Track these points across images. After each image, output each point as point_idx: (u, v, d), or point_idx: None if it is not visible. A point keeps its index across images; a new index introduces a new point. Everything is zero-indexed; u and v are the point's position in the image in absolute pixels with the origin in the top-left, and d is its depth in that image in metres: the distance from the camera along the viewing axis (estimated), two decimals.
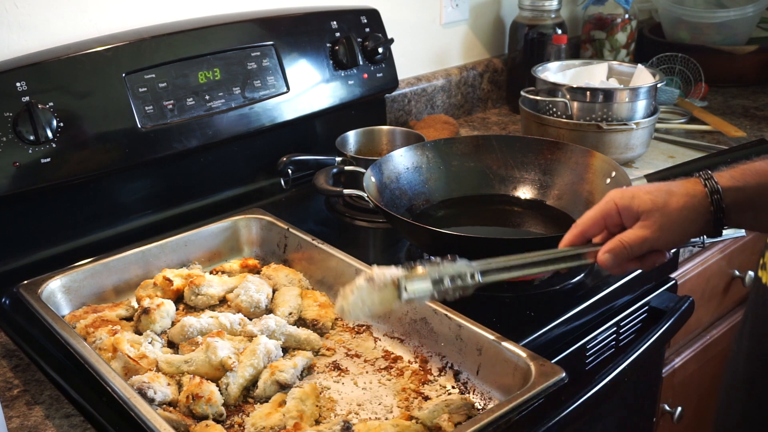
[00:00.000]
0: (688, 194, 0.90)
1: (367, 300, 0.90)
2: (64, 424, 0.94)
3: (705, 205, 0.89)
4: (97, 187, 1.33)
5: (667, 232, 0.90)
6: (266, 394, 0.97)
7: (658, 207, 0.90)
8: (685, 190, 0.90)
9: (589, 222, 0.95)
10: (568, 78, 1.71)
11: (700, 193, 0.89)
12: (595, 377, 1.13)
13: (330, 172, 1.41)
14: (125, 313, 1.12)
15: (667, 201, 0.90)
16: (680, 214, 0.90)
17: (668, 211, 0.90)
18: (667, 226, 0.90)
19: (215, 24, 1.43)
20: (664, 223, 0.90)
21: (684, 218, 0.90)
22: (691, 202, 0.89)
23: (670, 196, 0.90)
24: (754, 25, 2.23)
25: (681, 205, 0.90)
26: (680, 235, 0.91)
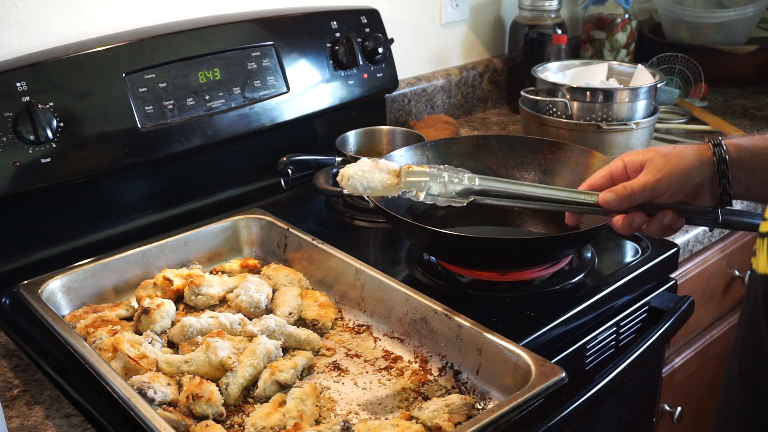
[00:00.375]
0: (691, 146, 0.95)
1: (368, 174, 0.95)
2: (64, 424, 0.94)
3: (707, 154, 0.92)
4: (97, 187, 1.33)
5: (668, 176, 0.93)
6: (266, 394, 0.97)
7: (661, 154, 0.94)
8: (690, 146, 0.95)
9: (597, 177, 0.99)
10: (568, 78, 1.71)
11: (703, 146, 0.94)
12: (595, 377, 1.13)
13: (330, 172, 1.41)
14: (125, 313, 1.12)
15: (670, 150, 0.94)
16: (680, 159, 0.93)
17: (669, 157, 0.93)
18: (668, 169, 0.93)
19: (215, 24, 1.43)
20: (665, 166, 0.93)
21: (685, 163, 0.93)
22: (693, 150, 0.94)
23: (674, 147, 0.95)
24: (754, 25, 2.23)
25: (683, 152, 0.93)
26: (683, 181, 0.93)
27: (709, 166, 0.93)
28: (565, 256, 1.23)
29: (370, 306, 1.12)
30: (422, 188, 0.94)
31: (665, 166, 0.93)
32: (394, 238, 1.36)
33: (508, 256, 1.17)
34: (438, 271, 1.23)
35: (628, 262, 1.27)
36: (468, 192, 0.95)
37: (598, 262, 1.25)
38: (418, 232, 1.17)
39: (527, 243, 1.20)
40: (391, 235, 1.38)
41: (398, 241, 1.34)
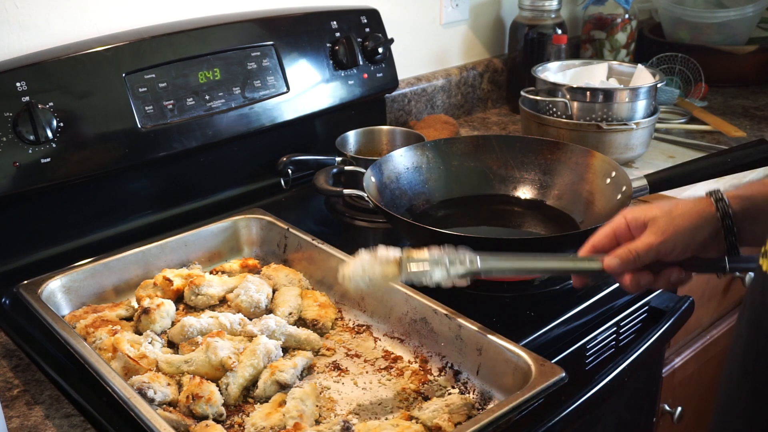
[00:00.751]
0: (694, 202, 0.92)
1: (368, 270, 0.94)
2: (64, 424, 0.94)
3: (710, 210, 0.91)
4: (97, 187, 1.33)
5: (673, 236, 0.91)
6: (266, 394, 0.97)
7: (664, 212, 0.92)
8: (691, 201, 0.93)
9: (600, 237, 0.97)
10: (568, 78, 1.71)
11: (705, 201, 0.91)
12: (595, 377, 1.13)
13: (330, 172, 1.41)
14: (125, 313, 1.12)
15: (673, 207, 0.92)
16: (684, 219, 0.91)
17: (673, 216, 0.91)
18: (672, 230, 0.91)
19: (215, 24, 1.43)
20: (669, 227, 0.91)
21: (689, 223, 0.91)
22: (697, 207, 0.91)
23: (677, 204, 0.93)
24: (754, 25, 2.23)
25: (686, 210, 0.91)
26: (688, 240, 0.92)
27: (714, 222, 0.91)
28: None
29: (370, 306, 1.12)
30: (425, 277, 0.95)
31: (669, 226, 0.92)
32: (394, 238, 1.36)
33: None
34: None
35: None
36: (470, 274, 0.95)
37: None
38: (418, 232, 1.17)
39: (527, 243, 1.20)
40: (391, 235, 1.38)
41: (398, 241, 1.34)
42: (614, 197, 1.23)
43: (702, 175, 1.22)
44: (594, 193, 1.30)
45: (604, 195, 1.27)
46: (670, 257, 0.94)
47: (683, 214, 0.92)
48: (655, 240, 0.92)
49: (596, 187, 1.29)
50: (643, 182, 1.21)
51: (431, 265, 0.94)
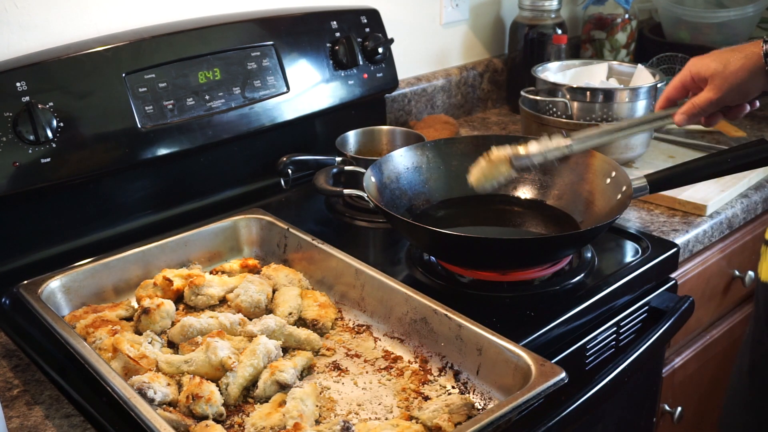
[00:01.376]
0: (746, 56, 1.06)
1: (488, 173, 1.20)
2: (64, 424, 0.94)
3: (760, 65, 1.04)
4: (97, 187, 1.33)
5: (728, 91, 1.07)
6: (266, 394, 0.97)
7: (719, 71, 1.07)
8: (744, 53, 1.07)
9: (671, 89, 1.15)
10: (568, 78, 1.71)
11: (756, 54, 1.05)
12: (595, 377, 1.13)
13: (330, 172, 1.41)
14: (125, 313, 1.12)
15: (727, 65, 1.07)
16: (737, 75, 1.06)
17: (727, 74, 1.07)
18: (727, 86, 1.07)
19: (215, 24, 1.43)
20: (724, 84, 1.07)
21: (741, 79, 1.06)
22: (747, 63, 1.06)
23: (730, 60, 1.07)
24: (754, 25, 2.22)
25: (738, 66, 1.06)
26: (742, 92, 1.08)
27: (764, 75, 1.05)
28: (565, 256, 1.23)
29: (370, 306, 1.12)
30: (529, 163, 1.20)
31: (724, 83, 1.07)
32: (394, 238, 1.36)
33: (508, 256, 1.17)
34: (438, 271, 1.23)
35: (628, 262, 1.27)
36: (565, 154, 1.20)
37: (598, 262, 1.25)
38: (418, 232, 1.17)
39: (527, 243, 1.20)
40: (391, 235, 1.38)
41: (398, 241, 1.34)
42: (614, 197, 1.24)
43: (702, 175, 1.22)
44: (594, 193, 1.30)
45: (604, 195, 1.27)
46: (729, 103, 1.10)
47: (736, 71, 1.06)
48: (714, 96, 1.08)
49: (596, 187, 1.30)
50: (643, 182, 1.21)
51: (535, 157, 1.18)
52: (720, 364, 1.69)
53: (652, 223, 1.40)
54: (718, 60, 1.09)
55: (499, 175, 1.21)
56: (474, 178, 1.22)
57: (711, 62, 1.09)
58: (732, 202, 1.48)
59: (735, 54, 1.08)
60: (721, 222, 1.44)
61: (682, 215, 1.42)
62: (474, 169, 1.22)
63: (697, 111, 1.12)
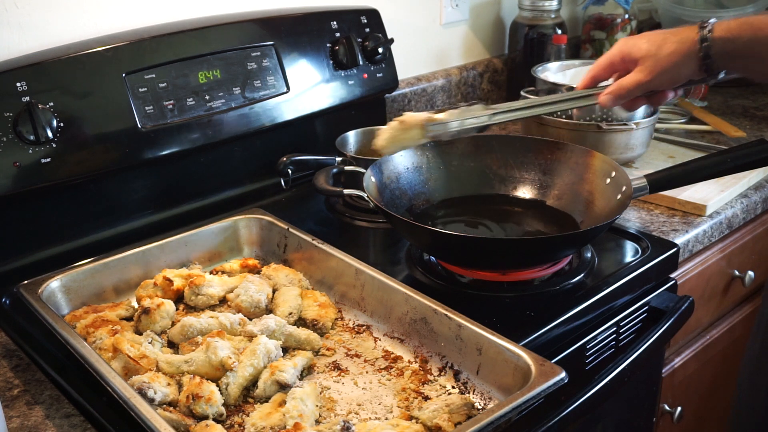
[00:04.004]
0: (680, 41, 1.02)
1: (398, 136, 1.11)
2: (64, 424, 0.94)
3: (694, 51, 1.00)
4: (97, 187, 1.33)
5: (659, 74, 1.02)
6: (266, 394, 0.97)
7: (651, 53, 1.02)
8: (678, 37, 1.02)
9: (598, 68, 1.10)
10: (568, 78, 1.71)
11: (691, 39, 1.01)
12: (595, 377, 1.13)
13: (330, 172, 1.41)
14: (125, 313, 1.12)
15: (660, 47, 1.02)
16: (670, 59, 1.01)
17: (660, 57, 1.02)
18: (658, 69, 1.02)
19: (215, 24, 1.43)
20: (656, 67, 1.02)
21: (674, 63, 1.01)
22: (681, 48, 1.01)
23: (664, 43, 1.02)
24: None
25: (671, 50, 1.01)
26: (673, 77, 1.03)
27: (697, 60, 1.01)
28: (565, 256, 1.23)
29: (370, 306, 1.12)
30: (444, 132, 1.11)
31: (656, 66, 1.02)
32: (394, 238, 1.36)
33: (508, 256, 1.17)
34: (438, 271, 1.23)
35: (628, 262, 1.27)
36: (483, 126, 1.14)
37: (598, 262, 1.25)
38: (418, 232, 1.17)
39: (527, 243, 1.20)
40: (391, 235, 1.38)
41: (398, 241, 1.34)
42: (614, 197, 1.24)
43: (702, 175, 1.22)
44: (594, 193, 1.30)
45: (604, 195, 1.27)
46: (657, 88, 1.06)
47: (669, 54, 1.01)
48: (644, 78, 1.03)
49: (596, 187, 1.30)
50: (643, 182, 1.21)
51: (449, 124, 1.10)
52: (720, 364, 1.69)
53: (652, 223, 1.40)
54: (651, 41, 1.04)
55: (409, 140, 1.14)
56: (382, 140, 1.14)
57: (644, 43, 1.04)
58: (732, 202, 1.48)
59: (669, 37, 1.03)
60: (721, 222, 1.44)
61: (682, 215, 1.42)
62: (383, 131, 1.15)
63: (624, 93, 1.07)
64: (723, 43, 0.99)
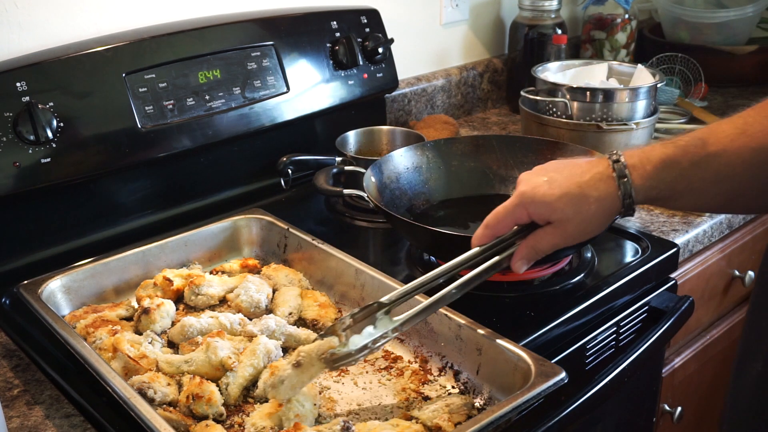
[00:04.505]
0: (600, 198, 0.91)
1: (296, 383, 0.91)
2: (64, 424, 0.94)
3: (616, 206, 0.92)
4: (97, 187, 1.33)
5: (577, 236, 0.95)
6: (266, 394, 0.96)
7: (570, 217, 0.92)
8: (597, 194, 0.91)
9: (497, 221, 0.98)
10: (568, 78, 1.71)
11: (611, 195, 0.91)
12: (595, 377, 1.13)
13: (330, 172, 1.41)
14: (125, 313, 1.12)
15: (579, 209, 0.92)
16: (593, 220, 0.93)
17: (579, 219, 0.93)
18: (577, 232, 0.94)
19: (215, 24, 1.43)
20: (575, 231, 0.94)
21: (594, 222, 0.94)
22: (603, 206, 0.92)
23: (582, 204, 0.92)
24: (754, 25, 2.23)
25: (593, 211, 0.92)
26: (589, 235, 0.96)
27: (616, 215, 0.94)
28: (565, 256, 1.23)
29: None
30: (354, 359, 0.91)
31: (575, 231, 0.94)
32: (394, 238, 1.36)
33: None
34: None
35: (628, 262, 1.27)
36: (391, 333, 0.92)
37: (598, 262, 1.25)
38: (418, 232, 1.17)
39: None
40: (391, 235, 1.38)
41: (398, 241, 1.34)
42: None
43: None
44: None
45: None
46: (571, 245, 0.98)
47: (591, 217, 0.92)
48: (563, 241, 0.95)
49: None
50: None
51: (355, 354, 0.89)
52: (720, 364, 1.69)
53: (652, 223, 1.40)
54: (567, 203, 0.91)
55: (310, 378, 0.92)
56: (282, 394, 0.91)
57: (557, 202, 0.91)
58: None
59: (587, 194, 0.91)
60: (721, 222, 1.44)
61: (682, 215, 1.42)
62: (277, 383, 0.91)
63: (539, 256, 0.97)
64: (645, 191, 0.90)
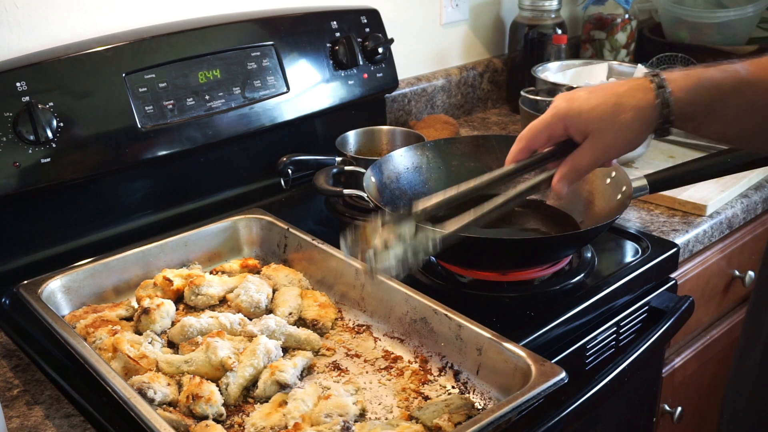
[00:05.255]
0: (637, 107, 0.88)
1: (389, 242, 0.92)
2: (64, 424, 0.94)
3: (653, 116, 0.88)
4: (97, 187, 1.33)
5: (615, 148, 0.91)
6: (266, 394, 0.97)
7: (607, 126, 0.89)
8: (635, 102, 0.89)
9: (534, 138, 0.95)
10: (568, 78, 1.71)
11: (649, 104, 0.88)
12: (595, 377, 1.13)
13: (330, 172, 1.41)
14: (125, 313, 1.12)
15: (616, 117, 0.89)
16: (630, 129, 0.89)
17: (617, 128, 0.89)
18: (615, 143, 0.90)
19: (215, 24, 1.43)
20: (613, 141, 0.90)
21: (632, 132, 0.90)
22: (640, 115, 0.89)
23: (619, 112, 0.89)
24: (754, 25, 2.22)
25: (630, 119, 0.89)
26: (628, 147, 0.92)
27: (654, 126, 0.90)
28: (565, 256, 1.23)
29: (370, 306, 1.12)
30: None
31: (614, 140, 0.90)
32: None
33: (508, 256, 1.17)
34: (438, 271, 1.23)
35: (628, 262, 1.27)
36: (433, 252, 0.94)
37: (598, 262, 1.25)
38: None
39: (527, 243, 1.20)
40: None
41: None
42: (614, 197, 1.24)
43: (702, 175, 1.22)
44: (594, 193, 1.30)
45: (604, 195, 1.27)
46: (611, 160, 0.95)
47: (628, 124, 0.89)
48: (601, 154, 0.91)
49: (596, 187, 1.29)
50: (643, 182, 1.21)
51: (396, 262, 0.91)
52: (720, 364, 1.69)
53: (652, 223, 1.40)
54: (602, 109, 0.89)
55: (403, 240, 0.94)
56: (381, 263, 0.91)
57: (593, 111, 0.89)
58: (732, 202, 1.48)
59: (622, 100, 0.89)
60: (721, 222, 1.44)
61: (682, 215, 1.42)
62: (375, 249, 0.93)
63: (580, 175, 0.93)
64: (684, 105, 0.88)
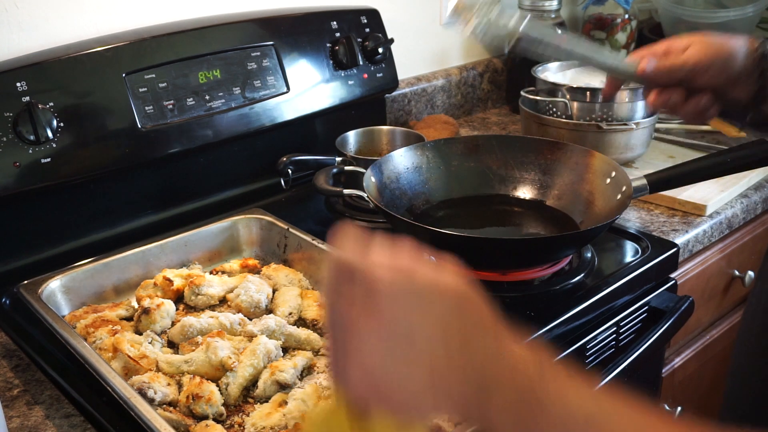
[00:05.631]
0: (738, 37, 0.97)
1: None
2: (64, 424, 0.94)
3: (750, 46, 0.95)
4: (97, 187, 1.33)
5: (711, 57, 0.96)
6: (266, 394, 0.97)
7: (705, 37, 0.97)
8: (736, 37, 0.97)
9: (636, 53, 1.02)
10: (568, 78, 1.71)
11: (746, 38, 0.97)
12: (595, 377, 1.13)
13: (330, 172, 1.41)
14: (125, 313, 1.12)
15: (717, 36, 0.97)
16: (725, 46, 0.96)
17: (711, 41, 0.96)
18: (711, 52, 0.96)
19: (215, 24, 1.43)
20: (709, 49, 0.96)
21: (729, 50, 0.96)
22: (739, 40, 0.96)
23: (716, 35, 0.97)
24: (753, 25, 2.22)
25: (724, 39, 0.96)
26: (724, 65, 0.97)
27: (752, 57, 0.96)
28: (565, 256, 1.23)
29: None
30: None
31: (709, 48, 0.96)
32: None
33: (508, 256, 1.17)
34: None
35: (628, 262, 1.27)
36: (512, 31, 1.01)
37: (598, 262, 1.25)
38: (418, 232, 1.17)
39: (527, 243, 1.20)
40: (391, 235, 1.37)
41: None
42: (614, 197, 1.24)
43: (702, 175, 1.23)
44: (594, 193, 1.30)
45: (604, 195, 1.27)
46: (704, 78, 0.98)
47: (724, 42, 0.96)
48: (694, 57, 0.96)
49: (596, 187, 1.30)
50: (643, 182, 1.21)
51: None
52: (720, 364, 1.69)
53: (652, 223, 1.40)
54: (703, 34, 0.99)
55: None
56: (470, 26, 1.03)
57: (696, 33, 0.99)
58: (732, 202, 1.48)
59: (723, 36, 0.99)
60: (721, 222, 1.44)
61: (682, 215, 1.42)
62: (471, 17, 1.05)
63: (669, 65, 0.98)
64: None
